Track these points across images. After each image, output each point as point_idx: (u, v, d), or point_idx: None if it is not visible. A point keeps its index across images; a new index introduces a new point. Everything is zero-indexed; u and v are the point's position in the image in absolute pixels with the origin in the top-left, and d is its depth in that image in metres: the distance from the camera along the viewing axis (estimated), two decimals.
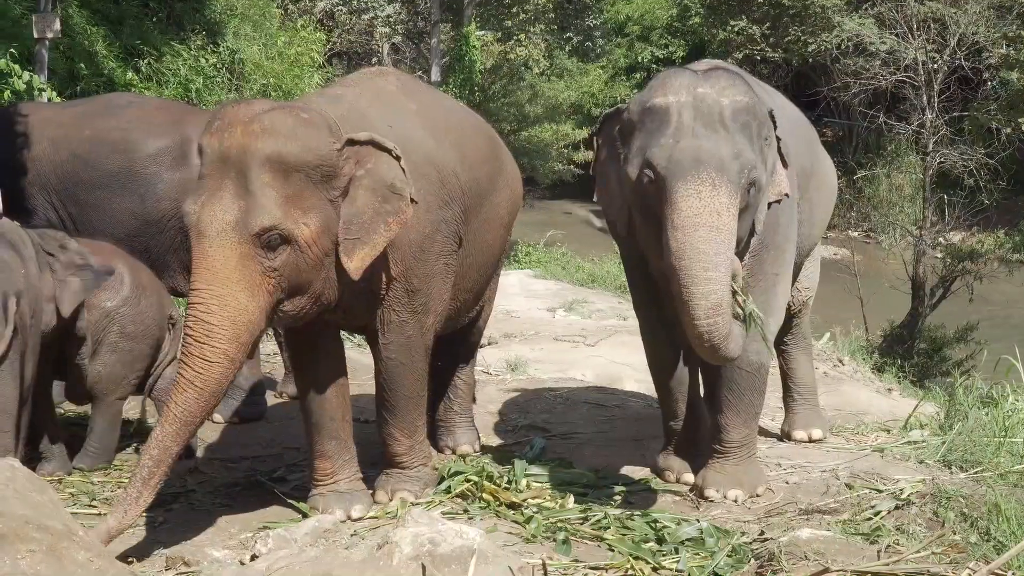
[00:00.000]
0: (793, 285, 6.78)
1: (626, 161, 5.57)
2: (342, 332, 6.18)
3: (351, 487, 5.86)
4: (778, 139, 5.65)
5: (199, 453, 6.82)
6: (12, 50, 10.85)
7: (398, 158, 5.40)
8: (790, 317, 6.97)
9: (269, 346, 9.48)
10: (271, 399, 8.03)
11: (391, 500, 5.87)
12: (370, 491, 5.97)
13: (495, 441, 7.04)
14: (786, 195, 5.73)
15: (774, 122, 5.62)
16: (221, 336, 5.05)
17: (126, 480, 6.26)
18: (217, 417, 7.58)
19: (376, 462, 6.17)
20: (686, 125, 5.35)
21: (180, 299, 7.44)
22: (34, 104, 9.62)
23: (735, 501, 5.92)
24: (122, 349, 6.51)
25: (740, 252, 5.61)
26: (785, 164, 5.71)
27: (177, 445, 5.09)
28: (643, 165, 5.41)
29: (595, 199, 6.03)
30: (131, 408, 7.69)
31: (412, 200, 5.42)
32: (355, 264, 5.33)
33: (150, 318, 6.61)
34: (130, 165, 7.29)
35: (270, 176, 5.11)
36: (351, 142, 5.35)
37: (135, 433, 7.20)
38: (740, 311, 5.39)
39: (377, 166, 5.39)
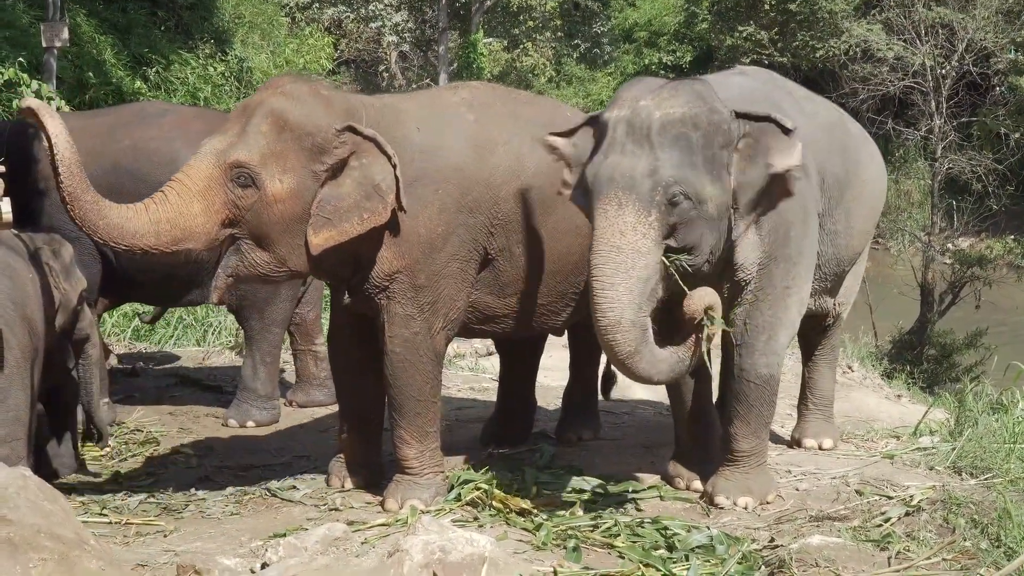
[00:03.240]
0: (835, 297, 6.77)
1: None
2: None
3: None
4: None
5: (209, 460, 6.84)
6: (21, 59, 10.90)
7: (394, 165, 5.64)
8: (823, 328, 7.00)
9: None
10: (282, 408, 8.02)
11: (401, 508, 5.87)
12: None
13: (504, 448, 7.03)
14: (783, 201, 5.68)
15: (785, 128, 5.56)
16: (161, 211, 5.49)
17: (136, 490, 6.30)
18: (232, 422, 7.62)
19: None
20: (617, 141, 5.40)
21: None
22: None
23: (745, 508, 5.90)
24: None
25: (720, 267, 5.65)
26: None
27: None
28: (582, 180, 5.55)
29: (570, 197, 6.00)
30: (142, 416, 7.74)
31: (400, 208, 5.70)
32: (317, 241, 5.66)
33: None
34: None
35: (267, 127, 5.58)
36: (353, 130, 5.68)
37: (145, 442, 7.23)
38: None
39: (372, 164, 5.68)
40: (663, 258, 5.33)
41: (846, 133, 6.66)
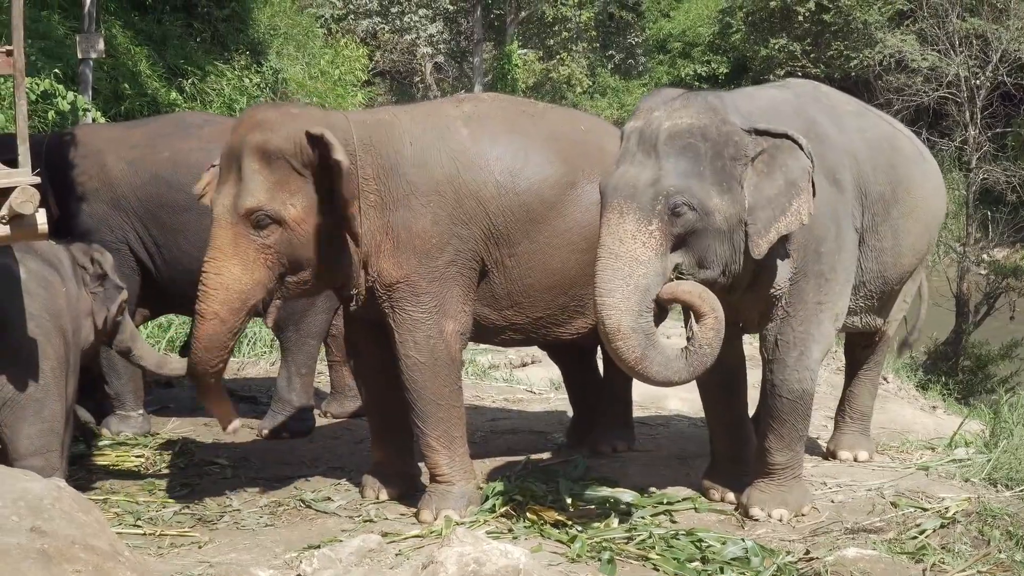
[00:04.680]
0: (883, 316, 6.72)
1: None
2: None
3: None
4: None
5: (243, 471, 6.86)
6: (56, 70, 10.93)
7: (331, 144, 5.77)
8: (869, 345, 6.98)
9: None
10: (317, 419, 8.02)
11: (436, 519, 5.89)
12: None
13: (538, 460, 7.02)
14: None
15: (800, 145, 5.53)
16: (213, 298, 5.75)
17: (171, 501, 6.32)
18: (266, 433, 7.62)
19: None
20: (630, 151, 5.47)
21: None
22: (93, 126, 9.64)
23: (780, 520, 5.89)
24: None
25: (739, 279, 5.61)
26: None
27: (199, 389, 6.09)
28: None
29: None
30: (177, 427, 7.76)
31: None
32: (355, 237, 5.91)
33: None
34: None
35: (258, 163, 5.77)
36: (316, 137, 5.79)
37: (180, 452, 7.24)
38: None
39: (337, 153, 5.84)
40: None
41: (895, 150, 6.45)
